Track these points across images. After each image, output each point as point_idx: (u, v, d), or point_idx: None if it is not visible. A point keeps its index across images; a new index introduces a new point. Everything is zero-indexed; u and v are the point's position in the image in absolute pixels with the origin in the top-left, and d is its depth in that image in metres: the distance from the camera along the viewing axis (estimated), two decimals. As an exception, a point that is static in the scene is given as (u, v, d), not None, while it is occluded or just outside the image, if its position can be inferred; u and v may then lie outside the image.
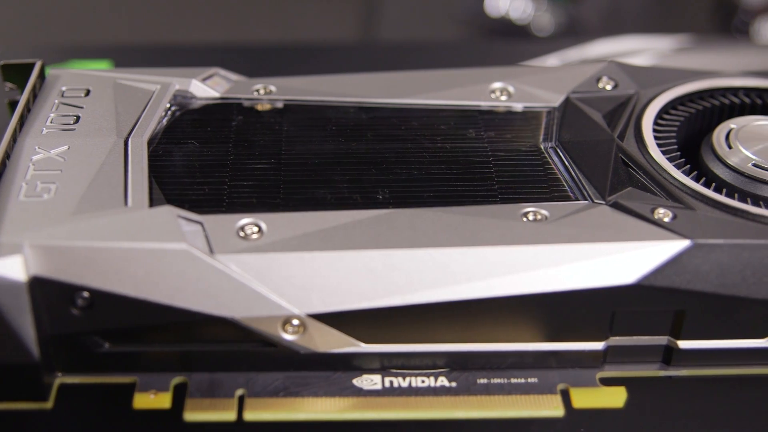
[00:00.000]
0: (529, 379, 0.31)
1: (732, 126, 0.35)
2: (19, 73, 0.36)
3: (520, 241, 0.29)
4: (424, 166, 0.33)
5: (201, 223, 0.30)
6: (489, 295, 0.29)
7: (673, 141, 0.34)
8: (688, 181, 0.32)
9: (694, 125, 0.36)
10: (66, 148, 0.32)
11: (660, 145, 0.34)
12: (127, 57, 0.46)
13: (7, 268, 0.28)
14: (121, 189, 0.31)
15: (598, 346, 0.31)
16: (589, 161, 0.33)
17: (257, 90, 0.36)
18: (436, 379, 0.31)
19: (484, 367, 0.31)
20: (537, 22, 0.65)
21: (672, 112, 0.36)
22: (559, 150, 0.34)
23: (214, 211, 0.31)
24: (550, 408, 0.30)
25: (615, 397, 0.31)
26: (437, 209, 0.31)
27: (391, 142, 0.34)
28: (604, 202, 0.31)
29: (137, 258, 0.29)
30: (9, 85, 0.36)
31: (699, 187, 0.32)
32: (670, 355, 0.31)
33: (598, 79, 0.37)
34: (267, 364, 0.31)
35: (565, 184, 0.32)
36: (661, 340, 0.31)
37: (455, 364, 0.31)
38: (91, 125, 0.33)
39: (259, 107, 0.36)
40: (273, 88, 0.36)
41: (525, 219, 0.30)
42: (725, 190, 0.32)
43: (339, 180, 0.32)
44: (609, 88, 0.36)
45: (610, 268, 0.29)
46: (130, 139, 0.33)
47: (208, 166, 0.33)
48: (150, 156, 0.32)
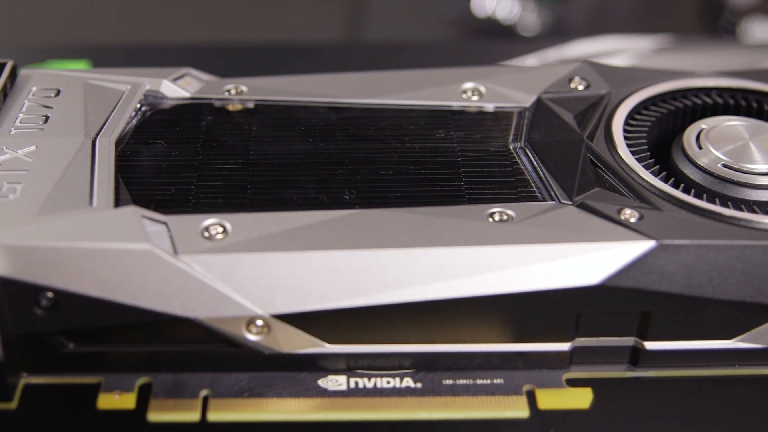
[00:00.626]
0: (494, 380, 0.31)
1: (703, 126, 0.34)
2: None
3: (484, 241, 0.29)
4: (391, 167, 0.33)
5: (166, 224, 0.30)
6: (453, 295, 0.29)
7: (644, 141, 0.34)
8: (656, 181, 0.32)
9: (666, 125, 0.36)
10: (33, 148, 0.32)
11: (630, 146, 0.33)
12: (105, 57, 0.46)
13: (-30, 268, 0.28)
14: (86, 189, 0.31)
15: (564, 347, 0.31)
16: (557, 161, 0.33)
17: (228, 90, 0.36)
18: (401, 380, 0.31)
19: (450, 368, 0.31)
20: (523, 22, 0.65)
21: (644, 112, 0.36)
22: (528, 150, 0.34)
23: (180, 211, 0.31)
24: (515, 409, 0.30)
25: (581, 398, 0.30)
26: (403, 210, 0.31)
27: (360, 142, 0.34)
28: (570, 203, 0.31)
29: (101, 258, 0.29)
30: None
31: (667, 187, 0.32)
32: (636, 356, 0.31)
33: (571, 80, 0.36)
34: (232, 364, 0.31)
35: (532, 184, 0.32)
36: (628, 341, 0.31)
37: (421, 364, 0.31)
38: (60, 125, 0.33)
39: (230, 107, 0.36)
40: (244, 89, 0.36)
41: (491, 219, 0.30)
42: (694, 191, 0.32)
43: (306, 180, 0.32)
44: (581, 88, 0.36)
45: (575, 269, 0.29)
46: (98, 139, 0.33)
47: (176, 167, 0.33)
48: (118, 156, 0.32)
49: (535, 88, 0.36)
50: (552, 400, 0.30)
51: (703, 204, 0.31)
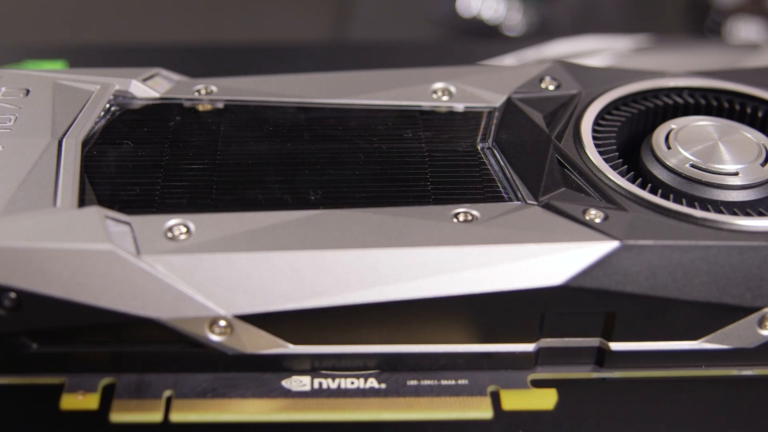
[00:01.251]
0: (459, 381, 0.31)
1: (673, 126, 0.34)
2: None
3: (448, 242, 0.29)
4: (358, 167, 0.33)
5: (129, 224, 0.30)
6: (415, 296, 0.29)
7: (612, 141, 0.34)
8: (623, 181, 0.32)
9: (637, 125, 0.36)
10: (0, 148, 0.32)
11: (598, 146, 0.33)
12: (83, 57, 0.46)
13: (-68, 268, 0.28)
14: (51, 190, 0.31)
15: (529, 347, 0.31)
16: (524, 162, 0.33)
17: (198, 90, 0.36)
18: (365, 381, 0.31)
19: (415, 368, 0.31)
20: (508, 22, 0.65)
21: (614, 112, 0.36)
22: (495, 150, 0.34)
23: (144, 211, 0.31)
24: (478, 410, 0.30)
25: (545, 399, 0.30)
26: (367, 210, 0.31)
27: (328, 142, 0.34)
28: (536, 203, 0.31)
29: (63, 259, 0.29)
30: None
31: (633, 187, 0.31)
32: (602, 357, 0.31)
33: (541, 80, 0.36)
34: (195, 365, 0.31)
35: (499, 185, 0.32)
36: (593, 341, 0.31)
37: (385, 365, 0.31)
38: (27, 126, 0.33)
39: (200, 107, 0.36)
40: (214, 89, 0.36)
41: (455, 220, 0.30)
42: (662, 191, 0.32)
43: (272, 181, 0.32)
44: (552, 88, 0.36)
45: (538, 269, 0.29)
46: (65, 139, 0.33)
47: (142, 167, 0.33)
48: (84, 156, 0.32)
49: (505, 88, 0.36)
50: (516, 400, 0.30)
51: (669, 204, 0.31)
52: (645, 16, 0.68)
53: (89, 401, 0.30)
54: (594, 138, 0.34)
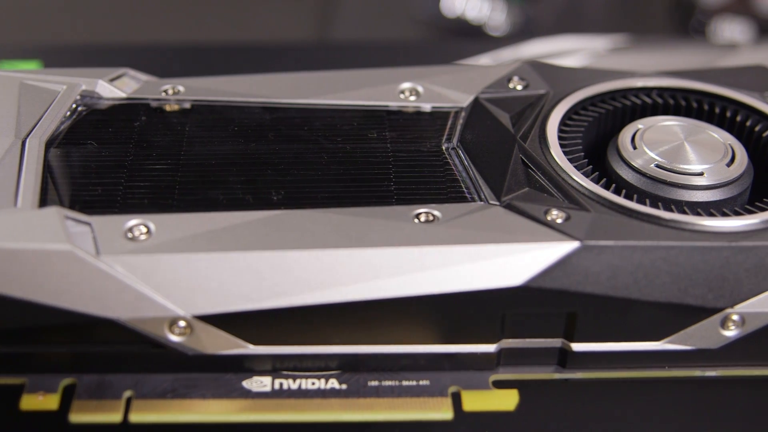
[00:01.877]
0: (420, 382, 0.31)
1: (639, 126, 0.34)
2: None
3: (408, 242, 0.29)
4: (321, 167, 0.33)
5: (89, 224, 0.30)
6: (375, 296, 0.29)
7: (578, 142, 0.34)
8: (587, 182, 0.32)
9: (606, 125, 0.36)
10: (-37, 148, 0.32)
11: (563, 146, 0.33)
12: (58, 57, 0.46)
13: None
14: (12, 190, 0.30)
15: (490, 348, 0.31)
16: (488, 162, 0.33)
17: (165, 90, 0.36)
18: (326, 382, 0.31)
19: (376, 369, 0.31)
20: (493, 22, 0.65)
21: (582, 112, 0.36)
22: (460, 150, 0.34)
23: (106, 212, 0.30)
24: (439, 411, 0.30)
25: (506, 400, 0.30)
26: (329, 210, 0.30)
27: (292, 142, 0.34)
28: (498, 203, 0.31)
29: (22, 259, 0.28)
30: None
31: (596, 188, 0.31)
32: (564, 358, 0.31)
33: (509, 80, 0.36)
34: (156, 365, 0.30)
35: (462, 185, 0.32)
36: (555, 342, 0.31)
37: (347, 366, 0.31)
38: (-8, 126, 0.33)
39: (167, 108, 0.36)
40: (181, 89, 0.36)
41: (416, 220, 0.30)
42: (626, 192, 0.32)
43: (234, 181, 0.32)
44: (519, 88, 0.36)
45: (498, 270, 0.29)
46: (28, 139, 0.33)
47: (105, 167, 0.33)
48: (48, 157, 0.32)
49: (473, 88, 0.36)
50: (477, 401, 0.30)
51: (631, 205, 0.31)
52: (630, 16, 0.68)
53: (49, 402, 0.30)
54: (560, 138, 0.34)
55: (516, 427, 0.30)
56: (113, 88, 0.36)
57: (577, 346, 0.31)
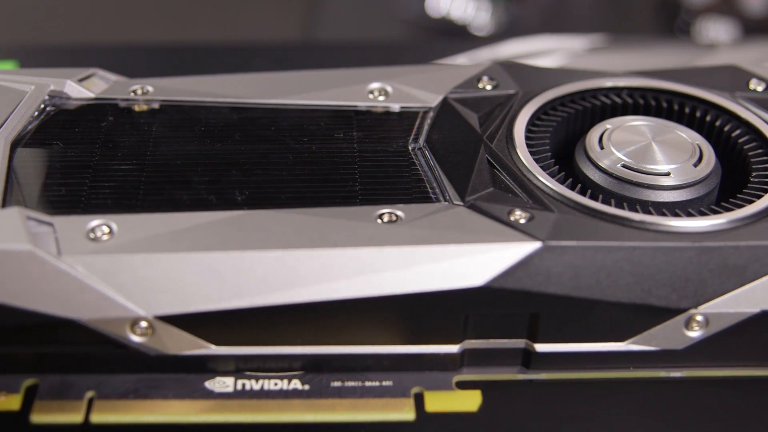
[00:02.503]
0: (383, 382, 0.31)
1: (607, 126, 0.34)
2: None
3: (369, 242, 0.29)
4: (286, 167, 0.33)
5: (52, 225, 0.30)
6: (336, 297, 0.29)
7: (546, 142, 0.34)
8: (552, 182, 0.31)
9: (575, 126, 0.36)
10: (-71, 149, 0.32)
11: (531, 146, 0.33)
12: (35, 58, 0.46)
13: None
14: (-24, 190, 0.31)
15: (453, 349, 0.31)
16: (453, 162, 0.33)
17: (134, 91, 0.36)
18: (289, 382, 0.31)
19: (340, 369, 0.31)
20: (477, 21, 0.65)
21: (551, 112, 0.35)
22: (426, 151, 0.34)
23: (69, 212, 0.30)
24: (401, 411, 0.30)
25: (469, 401, 0.30)
26: (292, 210, 0.30)
27: (259, 143, 0.34)
28: (462, 204, 0.31)
29: (-17, 259, 0.28)
30: None
31: (561, 188, 0.31)
32: (528, 359, 0.31)
33: (479, 80, 0.36)
34: (119, 366, 0.30)
35: (427, 185, 0.32)
36: (519, 343, 0.31)
37: (309, 367, 0.31)
38: (-42, 126, 0.33)
39: (136, 108, 0.36)
40: (150, 89, 0.36)
41: (379, 221, 0.30)
42: (592, 192, 0.32)
43: (199, 181, 0.32)
44: (489, 88, 0.36)
45: (459, 270, 0.29)
46: (-6, 139, 0.33)
47: (70, 167, 0.32)
48: (13, 157, 0.32)
49: (442, 88, 0.36)
50: (439, 402, 0.30)
51: (595, 205, 0.31)
52: (615, 15, 0.68)
53: (11, 402, 0.30)
54: (527, 138, 0.33)
55: (478, 428, 0.30)
56: (81, 88, 0.36)
57: (540, 347, 0.31)
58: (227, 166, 0.33)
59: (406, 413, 0.30)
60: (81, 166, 0.33)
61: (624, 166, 0.32)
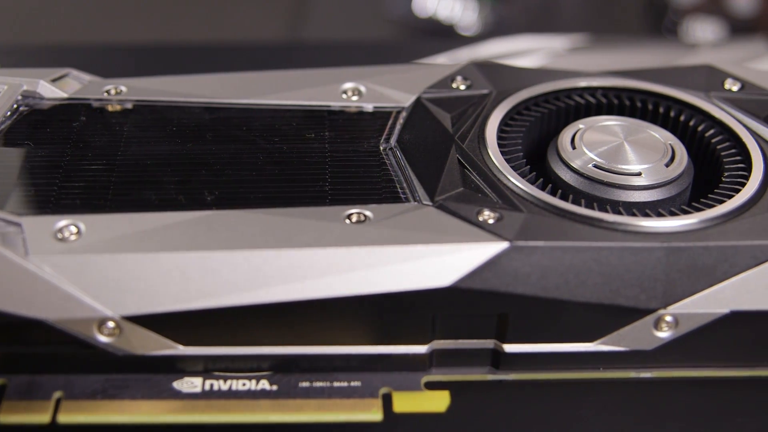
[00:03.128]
0: (352, 383, 0.31)
1: (580, 126, 0.34)
2: None
3: (336, 242, 0.29)
4: (256, 168, 0.32)
5: (20, 225, 0.30)
6: (303, 297, 0.29)
7: (518, 142, 0.34)
8: (522, 182, 0.31)
9: (549, 126, 0.36)
10: None
11: (502, 146, 0.33)
12: (14, 58, 0.45)
13: None
14: (-56, 190, 0.31)
15: (422, 349, 0.31)
16: (424, 162, 0.33)
17: (107, 91, 0.36)
18: (257, 383, 0.31)
19: (308, 370, 0.31)
20: (464, 21, 0.65)
21: (525, 112, 0.35)
22: (397, 151, 0.34)
23: (37, 212, 0.30)
24: (368, 412, 0.30)
25: (437, 402, 0.30)
26: (260, 211, 0.30)
27: (230, 143, 0.34)
28: (431, 204, 0.31)
29: (-51, 259, 0.28)
30: None
31: (531, 188, 0.31)
32: (498, 359, 0.31)
33: (453, 80, 0.36)
34: (86, 366, 0.30)
35: (397, 185, 0.32)
36: (488, 343, 0.31)
37: (277, 367, 0.31)
38: (-71, 126, 0.33)
39: (109, 108, 0.36)
40: (123, 89, 0.36)
41: (347, 221, 0.30)
42: (562, 192, 0.32)
43: (169, 181, 0.32)
44: (462, 88, 0.36)
45: (426, 271, 0.29)
46: (-36, 140, 0.33)
47: (41, 167, 0.32)
48: (-17, 157, 0.32)
49: (416, 88, 0.36)
50: (407, 403, 0.30)
51: (565, 205, 0.31)
52: (603, 15, 0.67)
53: (-21, 403, 0.30)
54: (499, 138, 0.33)
55: (446, 428, 0.29)
56: (55, 88, 0.36)
57: (509, 347, 0.31)
58: (197, 166, 0.33)
59: (374, 414, 0.30)
60: (51, 166, 0.33)
61: (595, 166, 0.32)
